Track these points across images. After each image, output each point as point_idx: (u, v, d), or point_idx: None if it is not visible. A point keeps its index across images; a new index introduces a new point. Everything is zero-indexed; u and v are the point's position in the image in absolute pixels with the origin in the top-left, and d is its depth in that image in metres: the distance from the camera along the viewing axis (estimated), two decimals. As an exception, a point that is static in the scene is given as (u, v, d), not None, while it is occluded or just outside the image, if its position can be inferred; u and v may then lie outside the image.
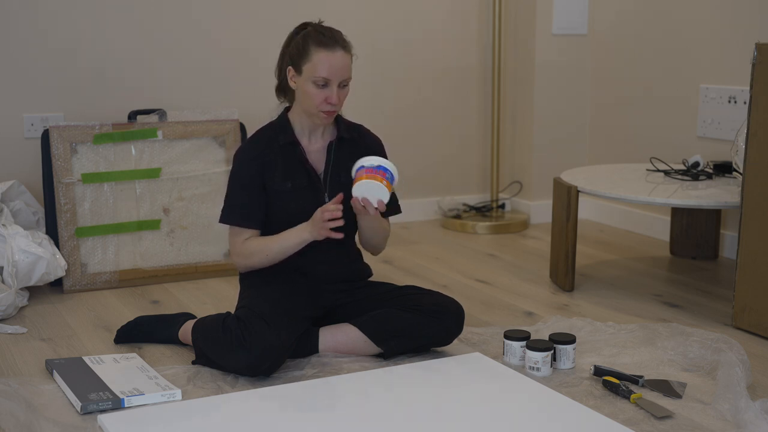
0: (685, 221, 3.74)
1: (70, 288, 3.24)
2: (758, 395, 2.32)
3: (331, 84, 2.46)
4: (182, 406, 2.22)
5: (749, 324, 2.81)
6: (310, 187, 2.56)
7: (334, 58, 2.45)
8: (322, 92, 2.46)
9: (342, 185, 2.57)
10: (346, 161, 2.57)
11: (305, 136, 2.59)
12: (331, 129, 2.62)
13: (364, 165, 2.41)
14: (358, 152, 2.59)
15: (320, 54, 2.45)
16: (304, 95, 2.50)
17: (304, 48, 2.49)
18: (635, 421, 2.15)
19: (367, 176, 2.39)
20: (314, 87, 2.46)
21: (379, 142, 2.69)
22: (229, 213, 2.56)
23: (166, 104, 3.72)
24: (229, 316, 2.47)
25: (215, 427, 2.09)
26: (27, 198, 3.37)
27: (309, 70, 2.46)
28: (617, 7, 4.22)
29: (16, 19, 3.50)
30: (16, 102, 3.54)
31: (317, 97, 2.47)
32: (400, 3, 4.21)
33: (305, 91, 2.48)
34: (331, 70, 2.45)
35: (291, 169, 2.55)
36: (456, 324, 2.57)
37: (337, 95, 2.47)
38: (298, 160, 2.56)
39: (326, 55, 2.45)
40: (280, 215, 2.55)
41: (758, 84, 2.73)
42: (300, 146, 2.57)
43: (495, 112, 4.32)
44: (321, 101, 2.47)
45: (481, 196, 4.52)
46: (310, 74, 2.46)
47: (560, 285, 3.29)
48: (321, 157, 2.59)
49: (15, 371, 2.48)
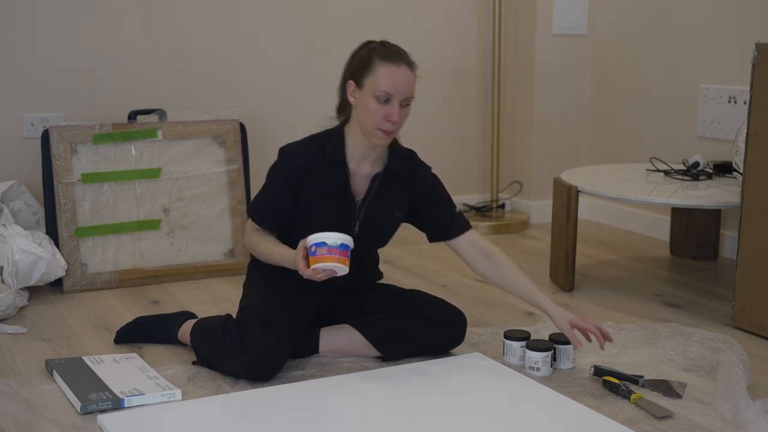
0: (685, 221, 3.74)
1: (70, 288, 3.24)
2: (758, 395, 2.32)
3: (393, 100, 2.33)
4: (182, 406, 2.22)
5: (749, 324, 2.81)
6: (344, 212, 2.46)
7: (399, 73, 2.33)
8: (383, 108, 2.33)
9: (377, 218, 2.49)
10: (388, 195, 2.49)
11: (355, 158, 2.46)
12: (382, 157, 2.49)
13: (326, 242, 2.23)
14: (403, 189, 2.50)
15: (384, 68, 2.33)
16: (363, 111, 2.36)
17: (368, 61, 2.36)
18: (635, 421, 2.15)
19: (331, 258, 2.23)
20: (375, 102, 2.33)
21: (429, 177, 2.56)
22: (254, 206, 2.50)
23: (166, 104, 3.71)
24: (229, 319, 2.46)
25: (215, 427, 2.09)
26: (27, 198, 3.37)
27: (371, 83, 2.33)
28: (617, 7, 4.22)
29: (16, 19, 3.50)
30: (16, 102, 3.54)
31: (377, 114, 2.33)
32: (400, 3, 4.21)
33: (365, 106, 2.35)
34: (394, 85, 2.32)
35: (330, 189, 2.44)
36: (458, 334, 2.57)
37: (399, 113, 2.34)
38: (341, 183, 2.44)
39: (391, 69, 2.33)
40: (305, 228, 2.43)
41: (758, 84, 2.73)
42: (347, 169, 2.45)
43: (495, 112, 4.32)
44: (381, 118, 2.33)
45: (481, 196, 4.52)
46: (372, 88, 2.33)
47: (560, 285, 3.29)
48: (364, 184, 2.48)
49: (15, 371, 2.48)
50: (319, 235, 2.25)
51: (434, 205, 2.56)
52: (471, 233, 2.57)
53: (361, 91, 2.37)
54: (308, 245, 2.26)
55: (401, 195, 2.51)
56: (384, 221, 2.52)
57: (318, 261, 2.24)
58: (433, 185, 2.56)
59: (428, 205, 2.56)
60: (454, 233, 2.55)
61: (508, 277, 2.51)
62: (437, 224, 2.57)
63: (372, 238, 2.53)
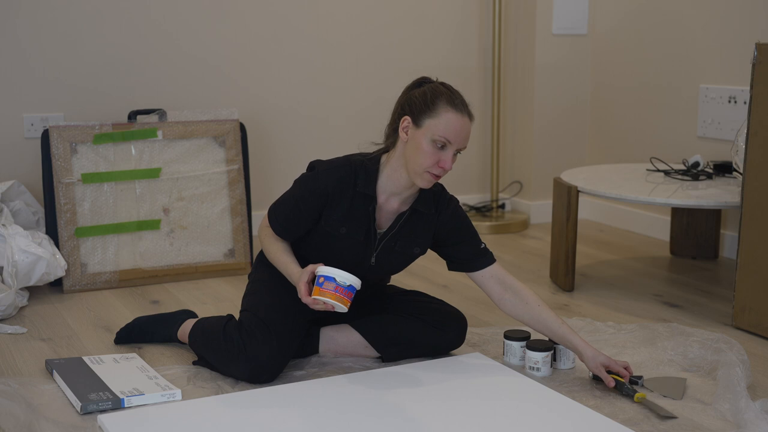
0: (685, 221, 3.74)
1: (70, 288, 3.23)
2: (758, 395, 2.32)
3: (450, 148, 2.28)
4: (182, 406, 2.22)
5: (749, 324, 2.81)
6: (363, 242, 2.42)
7: (462, 123, 2.28)
8: (439, 153, 2.27)
9: (393, 253, 2.46)
10: (410, 235, 2.46)
11: (386, 192, 2.40)
12: (412, 197, 2.43)
13: (336, 280, 2.23)
14: (427, 230, 2.46)
15: (450, 114, 2.27)
16: (416, 150, 2.29)
17: (433, 102, 2.29)
18: (635, 421, 2.15)
19: (335, 296, 2.23)
20: (432, 145, 2.27)
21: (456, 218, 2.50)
22: (276, 215, 2.45)
23: (166, 104, 3.72)
24: (230, 321, 2.45)
25: (215, 427, 2.09)
26: (27, 198, 3.37)
27: (432, 126, 2.27)
28: (617, 7, 4.22)
29: (16, 19, 3.50)
30: (16, 102, 3.54)
31: (431, 157, 2.27)
32: (400, 3, 4.21)
33: (419, 146, 2.28)
34: (457, 134, 2.27)
35: (354, 219, 2.39)
36: (458, 336, 2.57)
37: (451, 162, 2.29)
38: (366, 215, 2.39)
39: (456, 117, 2.27)
40: (320, 249, 2.43)
41: (758, 84, 2.73)
42: (375, 203, 2.39)
43: (495, 112, 4.32)
44: (433, 162, 2.27)
45: (481, 196, 4.52)
46: (432, 131, 2.26)
47: (560, 285, 3.29)
48: (389, 219, 2.44)
49: (15, 371, 2.48)
50: (330, 269, 2.24)
51: (458, 240, 2.51)
52: (495, 267, 2.52)
53: (417, 130, 2.29)
54: (317, 274, 2.26)
55: (424, 233, 2.47)
56: (401, 256, 2.49)
57: (322, 294, 2.23)
58: (459, 224, 2.50)
59: (452, 240, 2.51)
60: (477, 266, 2.51)
61: (539, 315, 2.45)
62: (460, 258, 2.53)
63: (386, 269, 2.51)
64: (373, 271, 2.46)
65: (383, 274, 2.54)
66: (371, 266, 2.45)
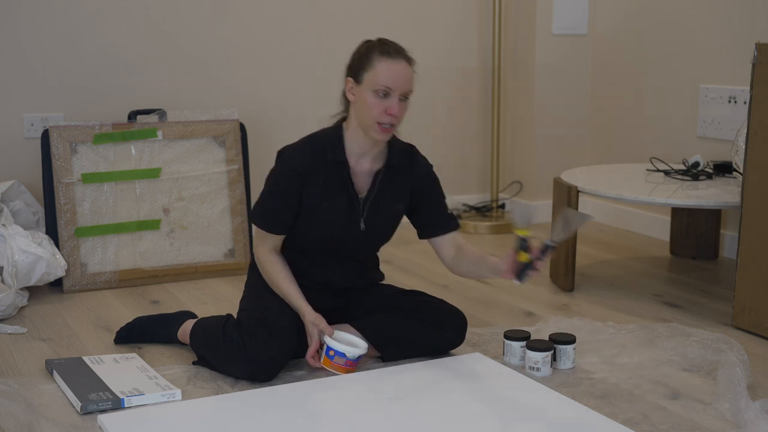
0: (685, 221, 3.74)
1: (70, 288, 3.24)
2: (758, 395, 2.32)
3: (393, 94, 2.33)
4: (182, 406, 2.22)
5: (749, 324, 2.81)
6: (348, 210, 2.46)
7: (398, 68, 2.34)
8: (383, 103, 2.33)
9: (381, 214, 2.50)
10: (390, 191, 2.50)
11: (354, 155, 2.46)
12: (382, 153, 2.49)
13: (346, 355, 2.36)
14: (404, 182, 2.51)
15: (384, 62, 2.33)
16: (362, 106, 2.36)
17: (367, 57, 2.36)
18: (635, 421, 2.15)
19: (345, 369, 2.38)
20: (374, 97, 2.33)
21: (428, 169, 2.57)
22: (259, 215, 2.48)
23: (166, 104, 3.71)
24: (229, 321, 2.46)
25: (215, 427, 2.09)
26: (27, 198, 3.37)
27: (370, 78, 2.34)
28: (617, 7, 4.22)
29: (16, 19, 3.50)
30: (16, 102, 3.54)
31: (377, 108, 2.33)
32: (400, 3, 4.21)
33: (364, 101, 2.35)
34: (394, 79, 2.33)
35: (332, 189, 2.44)
36: (458, 335, 2.57)
37: (398, 107, 2.34)
38: (342, 182, 2.44)
39: (390, 64, 2.33)
40: (309, 230, 2.47)
41: (758, 84, 2.73)
42: (348, 167, 2.45)
43: (495, 112, 4.32)
44: (380, 112, 2.33)
45: (481, 196, 4.52)
46: (371, 83, 2.33)
47: (560, 285, 3.29)
48: (366, 182, 2.48)
49: (15, 371, 2.48)
50: (340, 345, 2.36)
51: (429, 199, 2.57)
52: (458, 233, 2.59)
53: (359, 87, 2.37)
54: (326, 344, 2.37)
55: (403, 189, 2.52)
56: (388, 216, 2.53)
57: (332, 366, 2.37)
58: (432, 178, 2.58)
59: (424, 198, 2.56)
60: (447, 229, 2.56)
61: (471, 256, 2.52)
62: (432, 220, 2.57)
63: (377, 233, 2.53)
64: (365, 237, 2.49)
65: (375, 239, 2.55)
66: (361, 233, 2.48)
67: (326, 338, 2.37)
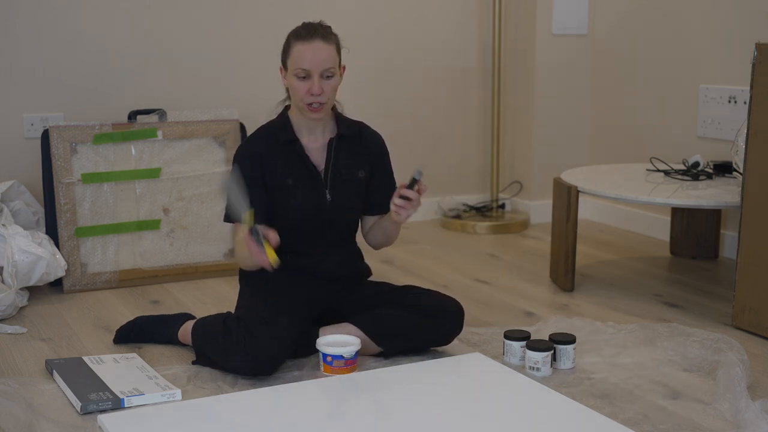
0: (685, 221, 3.74)
1: (70, 288, 3.24)
2: (758, 395, 2.32)
3: (312, 75, 2.46)
4: (182, 406, 2.22)
5: (749, 324, 2.81)
6: (311, 183, 2.56)
7: (312, 49, 2.45)
8: (305, 84, 2.46)
9: (343, 182, 2.58)
10: (347, 158, 2.59)
11: (304, 133, 2.59)
12: (331, 126, 2.61)
13: (344, 356, 2.38)
14: (359, 150, 2.61)
15: (298, 46, 2.47)
16: (292, 90, 2.52)
17: (287, 43, 2.52)
18: (635, 421, 2.15)
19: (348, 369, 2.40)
20: (297, 80, 2.47)
21: (380, 139, 2.70)
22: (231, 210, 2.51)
23: (166, 104, 3.71)
24: (229, 316, 2.48)
25: (215, 427, 2.09)
26: (27, 198, 3.37)
27: (291, 64, 2.49)
28: (617, 7, 4.22)
29: (16, 19, 3.50)
30: (16, 102, 3.54)
31: (300, 90, 2.47)
32: (400, 3, 4.21)
33: (291, 86, 2.50)
34: (309, 61, 2.45)
35: (291, 166, 2.55)
36: (455, 324, 2.57)
37: (320, 86, 2.45)
38: (299, 157, 2.56)
39: (304, 47, 2.46)
40: (282, 211, 2.55)
41: (758, 84, 2.73)
42: (299, 143, 2.57)
43: (495, 112, 4.32)
44: (304, 93, 2.47)
45: (481, 196, 4.52)
46: (292, 68, 2.48)
47: (560, 285, 3.29)
48: (322, 155, 2.59)
49: (15, 371, 2.48)
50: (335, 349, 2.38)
51: (377, 179, 2.65)
52: None
53: (287, 73, 2.52)
54: (322, 352, 2.40)
55: (360, 157, 2.61)
56: (351, 185, 2.60)
57: (333, 372, 2.39)
58: (383, 152, 2.68)
59: (375, 171, 2.65)
60: (378, 212, 2.65)
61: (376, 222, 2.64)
62: (382, 200, 2.62)
63: (345, 203, 2.59)
64: (334, 208, 2.56)
65: (344, 209, 2.60)
66: (330, 204, 2.55)
67: (320, 347, 2.40)
